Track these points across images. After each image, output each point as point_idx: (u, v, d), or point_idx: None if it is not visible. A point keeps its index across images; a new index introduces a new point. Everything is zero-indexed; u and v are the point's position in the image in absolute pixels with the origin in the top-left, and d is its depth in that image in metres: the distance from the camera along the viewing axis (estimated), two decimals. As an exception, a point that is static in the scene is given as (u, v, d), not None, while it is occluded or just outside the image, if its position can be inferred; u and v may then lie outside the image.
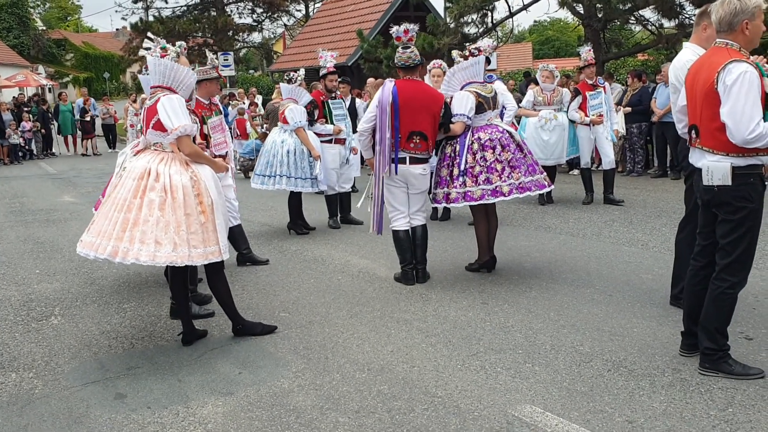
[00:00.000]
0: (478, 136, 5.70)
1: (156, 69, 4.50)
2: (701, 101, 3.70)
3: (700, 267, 3.94)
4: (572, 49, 39.89)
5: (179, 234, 4.20)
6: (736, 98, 3.50)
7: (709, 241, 3.87)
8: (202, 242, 4.29)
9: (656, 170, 11.64)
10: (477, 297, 5.41)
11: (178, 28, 28.82)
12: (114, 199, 4.34)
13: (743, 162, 3.61)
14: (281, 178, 7.71)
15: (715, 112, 3.62)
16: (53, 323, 5.22)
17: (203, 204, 4.33)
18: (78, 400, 3.88)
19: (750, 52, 3.79)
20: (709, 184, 3.70)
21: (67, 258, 7.27)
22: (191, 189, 4.31)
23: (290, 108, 7.75)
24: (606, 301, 5.15)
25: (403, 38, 5.71)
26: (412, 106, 5.55)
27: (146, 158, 4.41)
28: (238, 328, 4.74)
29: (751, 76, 3.50)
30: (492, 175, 5.59)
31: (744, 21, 3.61)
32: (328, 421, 3.52)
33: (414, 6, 19.94)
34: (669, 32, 14.51)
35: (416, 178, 5.71)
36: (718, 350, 3.79)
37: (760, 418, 3.34)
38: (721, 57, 3.62)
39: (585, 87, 9.04)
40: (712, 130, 3.66)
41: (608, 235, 7.36)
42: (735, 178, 3.62)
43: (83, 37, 57.11)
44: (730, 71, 3.53)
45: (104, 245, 4.24)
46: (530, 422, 3.41)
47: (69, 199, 11.74)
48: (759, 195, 3.66)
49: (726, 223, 3.70)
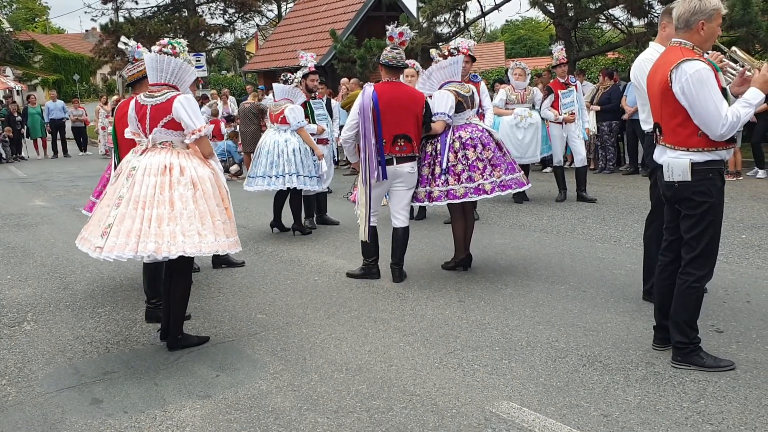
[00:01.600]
0: (459, 135, 5.73)
1: (161, 66, 4.41)
2: (660, 100, 3.82)
3: (668, 262, 4.03)
4: (544, 48, 40.18)
5: (215, 224, 4.22)
6: (696, 100, 3.61)
7: (675, 236, 3.95)
8: (231, 232, 4.33)
9: (627, 167, 11.80)
10: (453, 295, 5.44)
11: (149, 29, 28.47)
12: (134, 198, 4.19)
13: (702, 158, 3.71)
14: (291, 176, 7.64)
15: (674, 109, 3.72)
16: (26, 329, 5.15)
17: (223, 195, 4.39)
18: (53, 407, 3.84)
19: (713, 47, 3.93)
20: (670, 180, 3.81)
21: (39, 263, 7.17)
22: (214, 181, 4.37)
23: (290, 108, 7.74)
24: (580, 297, 5.22)
25: (396, 40, 5.76)
26: (394, 109, 5.57)
27: (161, 155, 4.32)
28: (179, 337, 4.56)
29: (702, 74, 3.60)
30: (474, 173, 5.63)
31: (701, 21, 3.71)
32: (306, 422, 3.52)
33: (387, 6, 19.94)
34: (639, 31, 14.71)
35: (404, 176, 5.72)
36: (689, 343, 3.86)
37: (731, 409, 3.42)
38: (674, 56, 3.74)
39: (557, 85, 9.14)
40: (673, 127, 3.78)
41: (581, 231, 7.45)
42: (694, 174, 3.71)
43: (52, 39, 56.26)
44: (684, 71, 3.63)
45: (144, 244, 4.07)
46: (507, 418, 3.45)
47: (40, 203, 11.57)
48: (718, 190, 3.76)
49: (688, 218, 3.80)
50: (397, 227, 5.86)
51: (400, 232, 5.86)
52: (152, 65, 4.42)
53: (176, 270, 4.47)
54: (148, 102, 4.40)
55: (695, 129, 3.69)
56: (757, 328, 4.44)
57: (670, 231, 4.00)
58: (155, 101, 4.38)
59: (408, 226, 5.91)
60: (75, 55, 52.11)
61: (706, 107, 3.60)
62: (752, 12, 10.66)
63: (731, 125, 3.61)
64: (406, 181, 5.76)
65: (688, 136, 3.71)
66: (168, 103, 4.32)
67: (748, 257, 6.08)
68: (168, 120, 4.32)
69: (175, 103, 4.30)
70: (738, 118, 3.62)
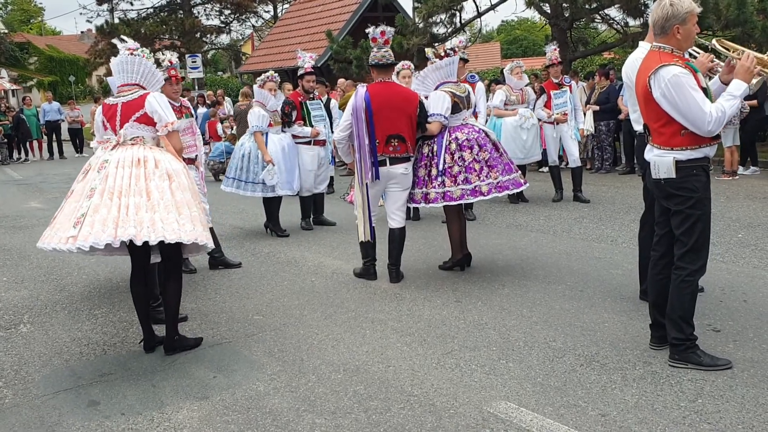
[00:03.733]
0: (456, 136, 5.73)
1: (132, 68, 4.52)
2: (644, 103, 3.92)
3: (659, 257, 4.08)
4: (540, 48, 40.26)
5: (192, 215, 4.20)
6: (679, 103, 3.69)
7: (665, 230, 4.02)
8: (205, 226, 4.29)
9: (624, 167, 11.81)
10: (451, 295, 5.44)
11: (144, 30, 28.48)
12: (109, 189, 4.12)
13: (684, 156, 3.80)
14: (234, 181, 7.91)
15: (657, 113, 3.82)
16: (22, 331, 5.13)
17: (194, 190, 4.40)
18: (50, 409, 3.83)
19: (704, 49, 4.00)
20: (656, 177, 3.91)
21: (35, 265, 7.15)
22: (187, 175, 4.40)
23: (251, 111, 7.79)
24: (577, 297, 5.22)
25: (379, 40, 5.73)
26: (387, 110, 5.56)
27: (133, 149, 4.33)
28: (175, 338, 4.53)
29: (680, 78, 3.68)
30: (471, 174, 5.62)
31: (675, 25, 3.78)
32: (304, 423, 3.52)
33: (383, 6, 19.97)
34: (634, 31, 14.74)
35: (398, 177, 5.72)
36: (685, 340, 3.88)
37: (729, 408, 3.42)
38: (652, 61, 3.82)
39: (550, 86, 9.15)
40: (657, 128, 3.88)
41: (578, 231, 7.46)
42: (678, 171, 3.81)
43: (47, 40, 56.10)
44: (662, 77, 3.71)
45: (122, 231, 3.97)
46: (505, 418, 3.45)
47: (36, 205, 11.54)
48: (703, 185, 3.83)
49: (677, 215, 3.88)
50: (393, 228, 5.86)
51: (397, 232, 5.85)
52: (121, 67, 4.53)
53: (168, 268, 4.46)
54: (118, 100, 4.47)
55: (677, 129, 3.78)
56: (753, 327, 4.45)
57: (660, 225, 4.07)
58: (126, 99, 4.46)
59: (404, 226, 5.91)
60: (70, 56, 51.97)
61: (689, 108, 3.68)
62: (747, 11, 10.69)
63: (717, 120, 3.68)
64: (401, 182, 5.75)
65: (671, 136, 3.81)
66: (141, 99, 4.41)
67: (744, 256, 6.09)
68: (140, 114, 4.39)
69: (149, 98, 4.42)
70: (723, 112, 3.69)
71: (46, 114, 19.90)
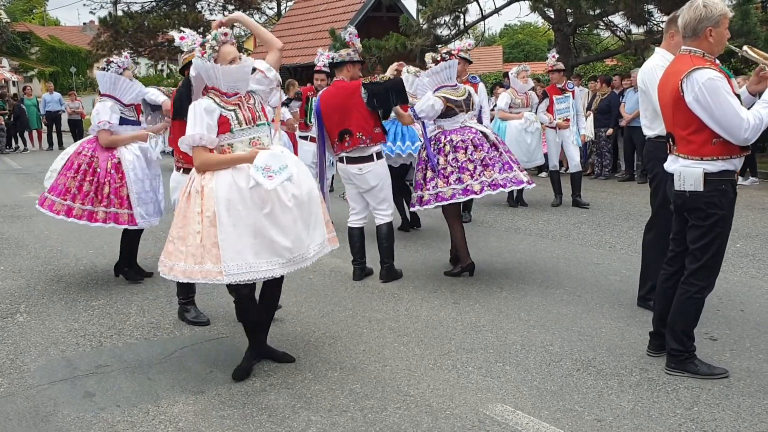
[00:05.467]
0: (450, 138, 5.72)
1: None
2: (672, 109, 3.72)
3: (672, 272, 3.98)
4: (542, 53, 40.26)
5: None
6: (713, 108, 3.51)
7: (682, 248, 3.88)
8: None
9: (623, 174, 11.83)
10: (448, 297, 5.44)
11: (147, 23, 28.42)
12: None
13: (715, 168, 3.63)
14: None
15: (687, 118, 3.63)
16: (18, 321, 5.12)
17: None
18: (45, 399, 3.82)
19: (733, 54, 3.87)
20: (680, 189, 3.72)
21: (33, 255, 7.14)
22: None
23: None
24: (575, 302, 5.22)
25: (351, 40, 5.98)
26: (334, 109, 5.73)
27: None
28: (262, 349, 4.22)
29: (714, 83, 3.51)
30: (463, 174, 5.59)
31: (708, 28, 3.62)
32: (300, 420, 3.52)
33: (387, 7, 19.95)
34: (637, 38, 14.76)
35: (354, 177, 5.79)
36: (684, 351, 3.86)
37: (725, 416, 3.42)
38: (684, 65, 3.65)
39: (553, 90, 9.16)
40: (686, 136, 3.68)
41: (577, 236, 7.46)
42: (707, 184, 3.62)
43: (49, 31, 55.97)
44: (695, 80, 3.54)
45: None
46: (501, 421, 3.45)
47: (34, 194, 11.46)
48: (729, 202, 3.69)
49: (696, 229, 3.73)
50: (378, 224, 5.89)
51: (383, 228, 5.88)
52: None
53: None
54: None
55: (709, 137, 3.60)
56: (750, 336, 4.45)
57: (676, 242, 3.93)
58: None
59: (391, 221, 5.91)
60: (72, 47, 51.88)
61: (724, 114, 3.50)
62: (751, 22, 10.72)
63: (754, 128, 3.51)
64: (358, 182, 5.82)
65: (701, 145, 3.62)
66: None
67: (742, 266, 6.10)
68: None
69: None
70: (761, 120, 3.51)
71: (46, 104, 19.85)
